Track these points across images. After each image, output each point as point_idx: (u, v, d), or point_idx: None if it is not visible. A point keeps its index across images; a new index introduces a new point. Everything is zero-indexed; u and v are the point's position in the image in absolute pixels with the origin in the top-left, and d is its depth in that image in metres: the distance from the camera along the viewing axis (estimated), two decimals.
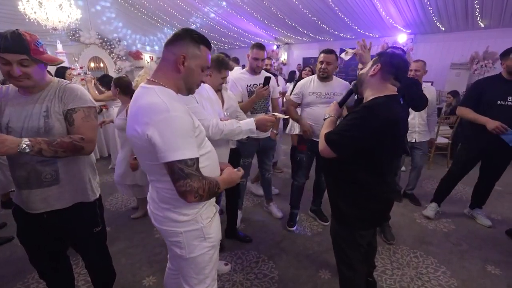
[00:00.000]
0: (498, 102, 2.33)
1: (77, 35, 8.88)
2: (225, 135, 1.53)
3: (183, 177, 0.93)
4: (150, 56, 11.09)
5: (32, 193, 1.26)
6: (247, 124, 1.58)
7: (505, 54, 2.35)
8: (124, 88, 2.53)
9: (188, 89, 1.11)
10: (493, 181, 2.65)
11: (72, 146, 1.21)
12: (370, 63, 1.35)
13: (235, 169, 1.26)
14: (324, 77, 2.35)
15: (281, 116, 1.73)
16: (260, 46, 2.38)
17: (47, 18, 5.77)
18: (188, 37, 1.03)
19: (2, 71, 1.15)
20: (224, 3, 7.69)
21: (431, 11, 6.21)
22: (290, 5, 7.00)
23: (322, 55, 2.36)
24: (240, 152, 2.33)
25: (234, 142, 2.19)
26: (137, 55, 10.40)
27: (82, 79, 4.51)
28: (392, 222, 2.61)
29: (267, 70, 3.38)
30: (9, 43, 1.11)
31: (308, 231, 2.59)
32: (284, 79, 6.78)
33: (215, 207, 1.24)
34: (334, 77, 2.41)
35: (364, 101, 1.33)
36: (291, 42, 10.30)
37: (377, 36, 8.20)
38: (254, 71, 2.47)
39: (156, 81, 1.04)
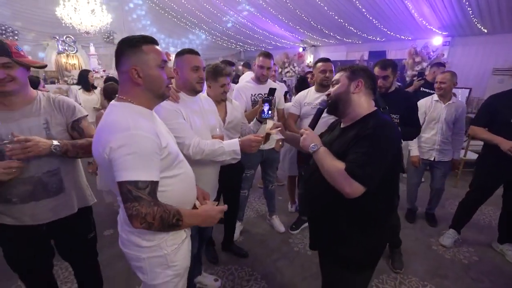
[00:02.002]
0: None
1: (111, 37, 9.41)
2: (206, 155, 1.45)
3: (130, 200, 0.87)
4: None
5: (39, 204, 1.27)
6: (230, 145, 1.47)
7: None
8: None
9: (159, 96, 1.04)
10: None
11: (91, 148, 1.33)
12: (343, 79, 1.19)
13: (220, 206, 1.14)
14: (326, 86, 2.27)
15: (274, 135, 1.59)
16: (266, 55, 2.31)
17: (81, 22, 6.16)
18: (125, 47, 0.97)
19: None
20: (249, 7, 7.68)
21: (470, 11, 5.67)
22: (315, 7, 6.80)
23: (321, 63, 2.30)
24: (242, 165, 2.23)
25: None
26: (166, 56, 10.76)
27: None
28: (404, 248, 2.38)
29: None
30: None
31: (309, 249, 2.45)
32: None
33: (185, 232, 1.16)
34: None
35: (349, 120, 1.20)
36: (317, 44, 10.03)
37: (410, 38, 7.67)
38: (259, 80, 2.39)
39: (124, 98, 1.00)
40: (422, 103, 2.72)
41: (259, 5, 7.41)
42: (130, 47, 0.97)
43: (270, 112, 1.77)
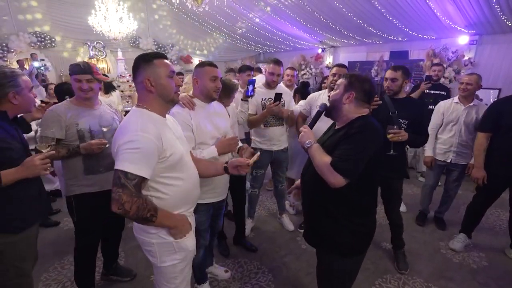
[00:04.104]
0: None
1: (137, 42, 9.92)
2: None
3: (117, 185, 1.01)
4: (199, 60, 11.77)
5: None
6: (209, 153, 1.64)
7: None
8: None
9: (169, 101, 1.22)
10: None
11: None
12: (341, 87, 1.33)
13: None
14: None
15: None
16: (276, 62, 2.45)
17: (110, 30, 6.61)
18: (140, 62, 1.16)
19: (75, 88, 1.70)
20: (268, 9, 7.81)
21: (498, 9, 5.43)
22: (333, 8, 6.80)
23: (335, 68, 2.40)
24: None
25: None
26: (187, 59, 11.17)
27: (131, 86, 5.06)
28: (410, 249, 2.42)
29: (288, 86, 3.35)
30: (81, 68, 1.68)
31: None
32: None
33: (189, 225, 1.30)
34: None
35: (341, 123, 1.35)
36: (337, 45, 9.95)
37: (434, 37, 7.42)
38: (269, 85, 2.53)
39: (140, 104, 1.19)
40: (441, 105, 2.75)
41: (277, 8, 7.53)
42: (144, 62, 1.16)
43: (253, 91, 2.12)
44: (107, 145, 1.69)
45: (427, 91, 3.52)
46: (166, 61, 1.19)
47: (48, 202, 1.65)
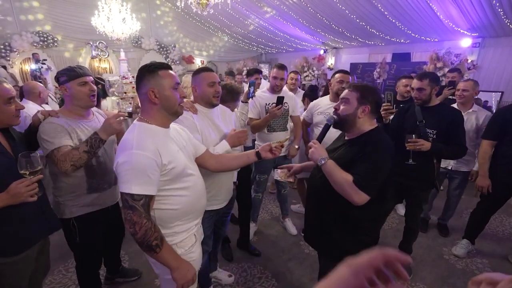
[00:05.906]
0: None
1: (139, 42, 9.94)
2: None
3: (126, 207, 1.03)
4: (201, 60, 11.78)
5: (115, 188, 1.75)
6: (222, 148, 1.63)
7: None
8: None
9: (173, 113, 1.18)
10: None
11: None
12: (353, 101, 1.31)
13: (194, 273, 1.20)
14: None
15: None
16: (280, 67, 2.44)
17: (113, 30, 6.62)
18: (145, 72, 1.13)
19: (82, 93, 1.50)
20: (271, 10, 7.81)
21: (501, 12, 5.42)
22: (336, 10, 6.79)
23: (340, 74, 2.38)
24: (250, 167, 2.44)
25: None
26: (189, 60, 11.17)
27: (133, 87, 5.06)
28: (414, 255, 2.42)
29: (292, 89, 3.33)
30: (85, 69, 1.55)
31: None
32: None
33: (195, 237, 1.31)
34: None
35: (352, 134, 1.37)
36: (339, 46, 9.94)
37: (437, 40, 7.41)
38: (273, 89, 2.53)
39: (143, 118, 1.17)
40: None
41: (280, 9, 7.53)
42: (149, 72, 1.13)
43: (253, 93, 2.21)
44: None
45: (451, 97, 3.34)
46: (171, 72, 1.17)
47: (54, 215, 1.52)
